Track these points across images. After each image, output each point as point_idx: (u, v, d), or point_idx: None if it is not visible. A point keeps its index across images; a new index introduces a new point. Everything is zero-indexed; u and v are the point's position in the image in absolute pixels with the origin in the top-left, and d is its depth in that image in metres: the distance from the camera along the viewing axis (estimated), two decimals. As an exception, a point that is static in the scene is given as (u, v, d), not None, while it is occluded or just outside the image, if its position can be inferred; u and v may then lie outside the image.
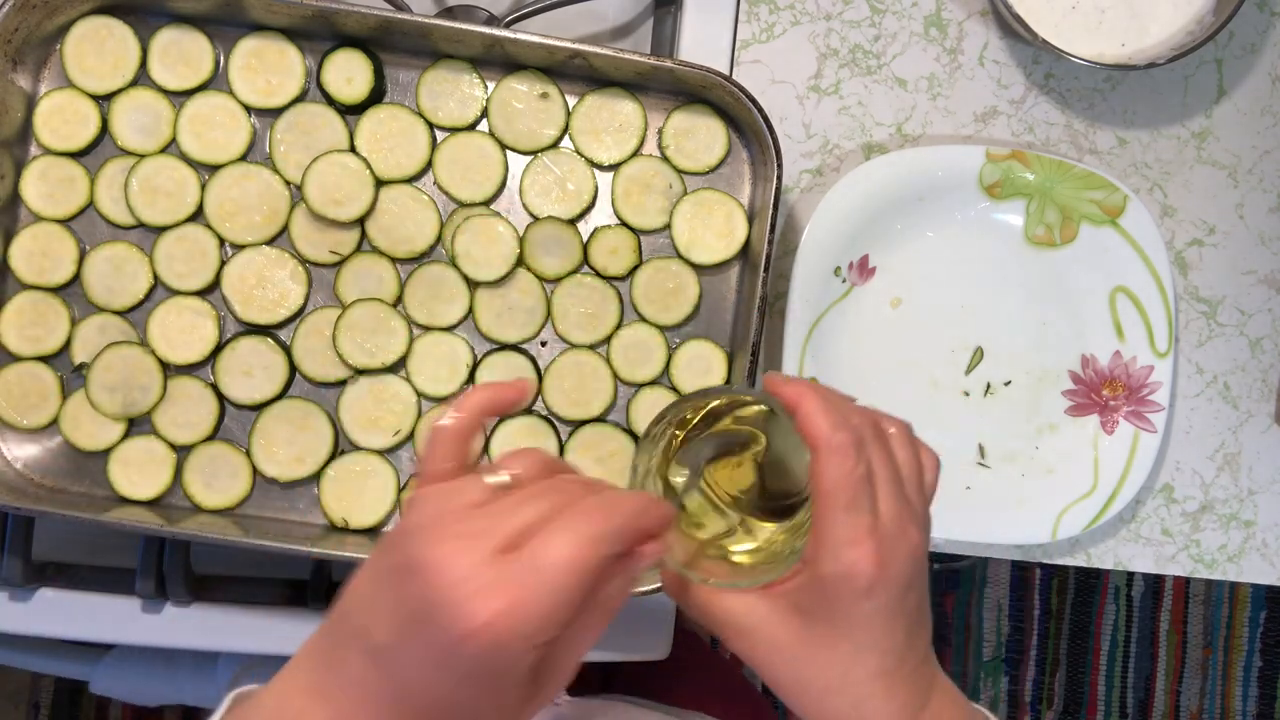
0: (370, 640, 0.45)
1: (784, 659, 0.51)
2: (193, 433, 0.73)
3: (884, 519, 0.49)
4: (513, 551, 0.42)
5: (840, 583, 0.49)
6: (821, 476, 0.48)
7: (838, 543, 0.48)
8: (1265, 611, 1.87)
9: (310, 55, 0.74)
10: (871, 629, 0.50)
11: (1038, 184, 0.80)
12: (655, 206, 0.76)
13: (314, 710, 0.46)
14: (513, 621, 0.42)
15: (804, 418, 0.49)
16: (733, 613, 0.52)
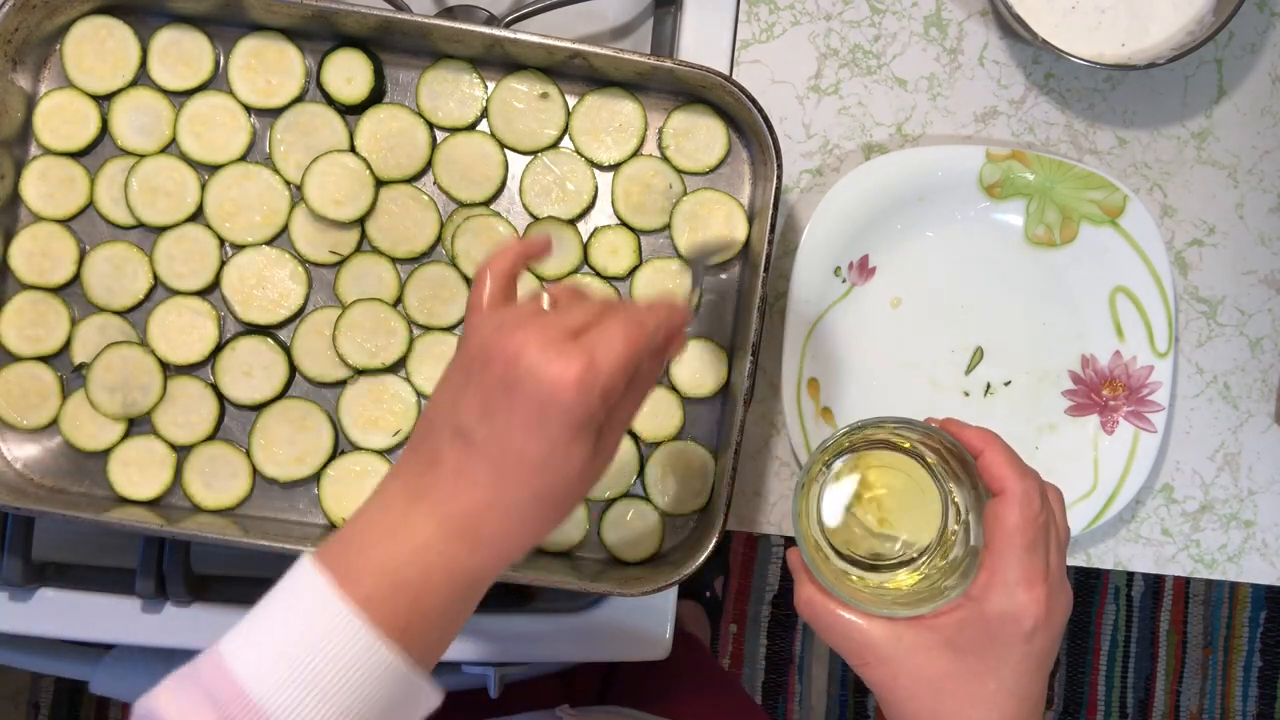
0: (461, 426, 0.51)
1: (924, 692, 0.53)
2: (193, 433, 0.73)
3: (1052, 569, 0.52)
4: (581, 336, 0.50)
5: (1008, 622, 0.51)
6: (1006, 516, 0.52)
7: (1014, 582, 0.51)
8: (1265, 611, 1.87)
9: (310, 55, 0.74)
10: (1020, 673, 0.52)
11: (1038, 184, 0.80)
12: (655, 206, 0.76)
13: (414, 509, 0.51)
14: (594, 375, 0.49)
15: (992, 462, 0.53)
16: (874, 638, 0.53)
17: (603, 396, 0.50)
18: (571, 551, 0.76)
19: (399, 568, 0.50)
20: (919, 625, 0.53)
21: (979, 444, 0.54)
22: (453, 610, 0.52)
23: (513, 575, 0.70)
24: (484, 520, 0.51)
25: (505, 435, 0.50)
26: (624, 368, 0.50)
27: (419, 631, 0.49)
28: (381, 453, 0.74)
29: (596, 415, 0.50)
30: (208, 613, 0.78)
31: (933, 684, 0.52)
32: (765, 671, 1.76)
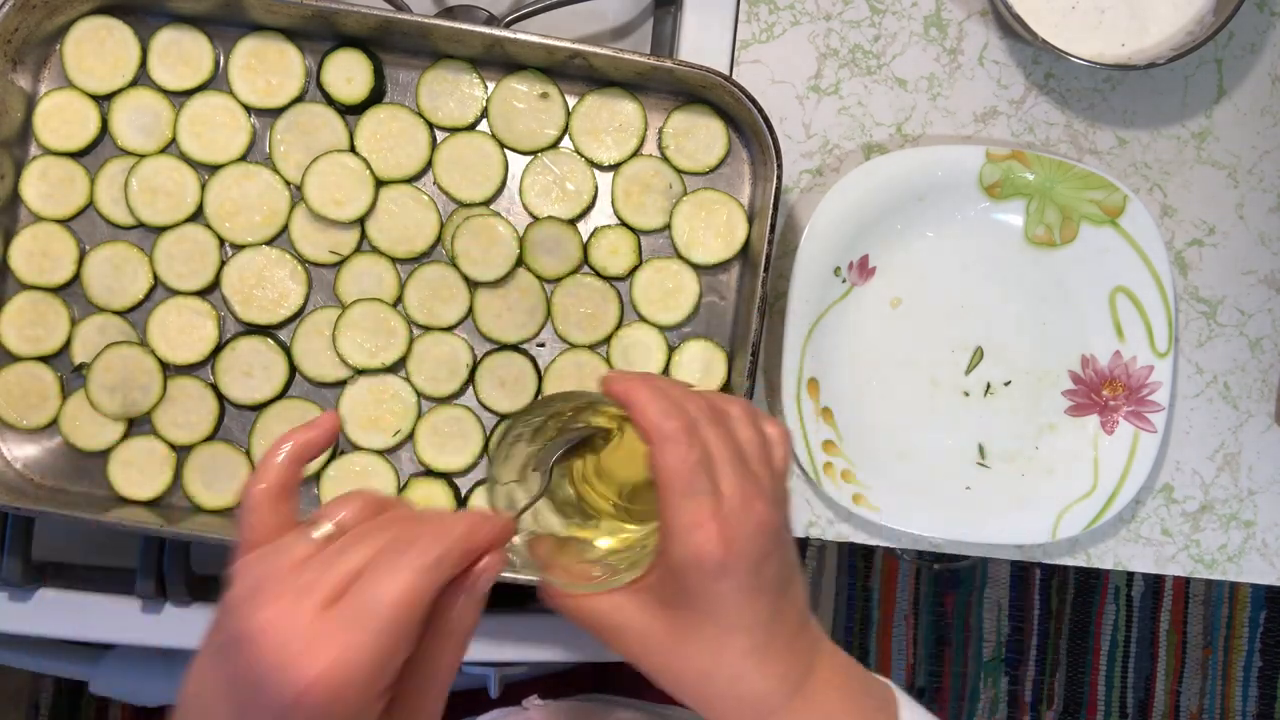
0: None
1: (658, 650, 0.52)
2: (193, 433, 0.73)
3: (727, 499, 0.49)
4: (339, 601, 0.41)
5: (691, 568, 0.49)
6: (658, 465, 0.49)
7: (682, 529, 0.48)
8: (1265, 611, 1.87)
9: (310, 55, 0.74)
10: (731, 609, 0.50)
11: (1038, 184, 0.80)
12: (655, 206, 0.76)
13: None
14: (344, 672, 0.40)
15: (634, 411, 0.49)
16: (603, 614, 0.53)
17: (368, 680, 0.41)
18: (571, 551, 0.75)
19: None
20: (633, 590, 0.52)
21: (623, 394, 0.50)
22: None
23: (512, 575, 0.70)
24: None
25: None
26: (394, 641, 0.42)
27: None
28: (381, 453, 0.74)
29: (364, 710, 0.42)
30: (208, 613, 0.78)
31: (661, 642, 0.51)
32: (765, 671, 1.76)
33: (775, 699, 0.51)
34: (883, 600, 1.82)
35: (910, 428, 0.82)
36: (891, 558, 1.81)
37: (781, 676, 0.51)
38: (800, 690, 0.51)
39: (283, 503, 0.47)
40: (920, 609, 1.83)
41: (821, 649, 0.53)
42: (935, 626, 1.83)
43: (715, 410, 0.52)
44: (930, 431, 0.82)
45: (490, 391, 0.75)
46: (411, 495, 0.74)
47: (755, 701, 0.51)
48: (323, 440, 0.49)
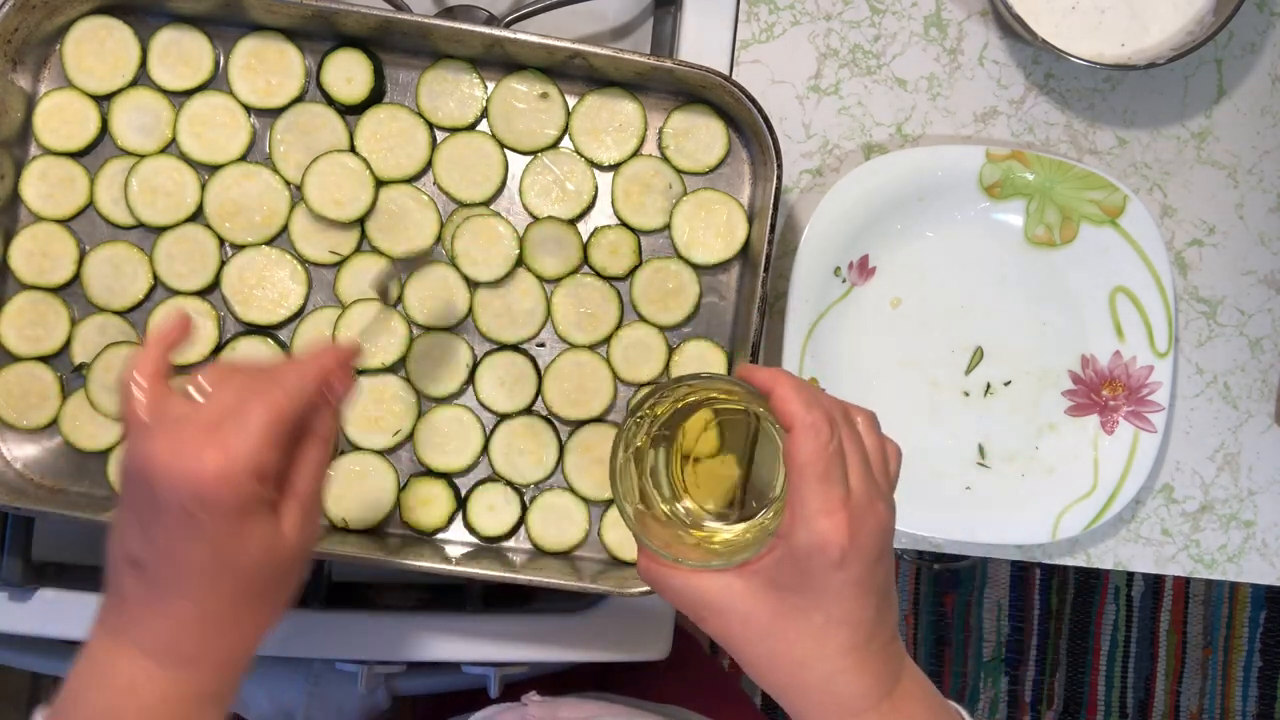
0: (131, 555, 0.50)
1: (759, 634, 0.53)
2: (193, 433, 0.73)
3: (854, 493, 0.51)
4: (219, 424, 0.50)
5: (814, 553, 0.50)
6: (797, 451, 0.51)
7: (812, 513, 0.50)
8: (1265, 611, 1.87)
9: (310, 55, 0.74)
10: (843, 601, 0.51)
11: (1038, 184, 0.80)
12: (655, 206, 0.76)
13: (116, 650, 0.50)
14: (231, 460, 0.48)
15: (779, 399, 0.51)
16: (708, 592, 0.53)
17: (250, 475, 0.49)
18: (571, 551, 0.76)
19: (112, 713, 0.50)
20: (745, 572, 0.53)
21: (768, 384, 0.52)
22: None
23: (512, 575, 0.70)
24: (185, 640, 0.50)
25: (169, 551, 0.49)
26: (265, 441, 0.49)
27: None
28: (381, 453, 0.74)
29: (254, 496, 0.50)
30: (208, 613, 0.78)
31: (764, 626, 0.53)
32: (765, 671, 1.76)
33: (866, 700, 0.52)
34: (883, 600, 1.82)
35: (910, 428, 0.82)
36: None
37: (875, 678, 0.53)
38: (889, 696, 0.53)
39: (161, 382, 0.54)
40: (920, 609, 1.83)
41: (905, 664, 0.55)
42: (935, 626, 1.83)
43: (848, 415, 0.54)
44: (930, 431, 0.82)
45: (490, 391, 0.75)
46: (411, 495, 0.74)
47: (848, 699, 0.52)
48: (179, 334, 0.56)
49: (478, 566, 0.71)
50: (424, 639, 0.79)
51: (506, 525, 0.75)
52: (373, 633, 0.78)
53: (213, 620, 0.51)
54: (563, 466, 0.75)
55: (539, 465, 0.75)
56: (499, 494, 0.75)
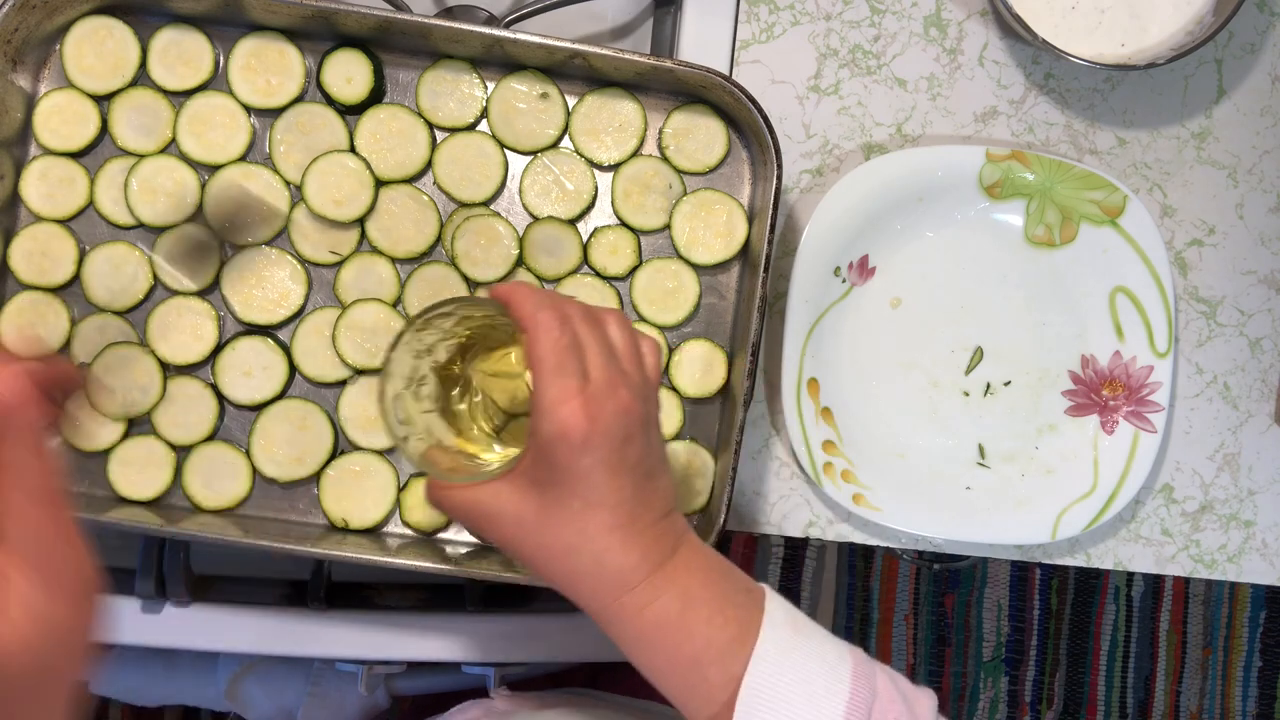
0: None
1: (529, 531, 0.55)
2: (192, 433, 0.73)
3: (594, 381, 0.53)
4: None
5: (557, 441, 0.53)
6: (532, 348, 0.53)
7: (550, 404, 0.53)
8: (1265, 611, 1.87)
9: (310, 55, 0.74)
10: (595, 483, 0.53)
11: (1038, 184, 0.80)
12: (655, 206, 0.76)
13: None
14: None
15: (514, 306, 0.55)
16: (482, 502, 0.56)
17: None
18: (571, 551, 0.76)
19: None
20: (510, 476, 0.55)
21: (505, 295, 0.55)
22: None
23: (512, 575, 0.70)
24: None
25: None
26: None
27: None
28: (381, 453, 0.74)
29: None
30: (208, 613, 0.78)
31: (533, 522, 0.55)
32: (765, 671, 1.75)
33: (636, 575, 0.54)
34: (883, 600, 1.82)
35: (910, 428, 0.82)
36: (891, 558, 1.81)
37: (643, 554, 0.54)
38: (661, 569, 0.55)
39: None
40: (920, 609, 1.83)
41: (689, 541, 0.57)
42: (935, 626, 1.83)
43: (591, 314, 0.57)
44: (930, 431, 0.82)
45: (490, 391, 0.75)
46: (411, 496, 0.74)
47: (617, 575, 0.54)
48: None
49: (478, 566, 0.71)
50: (424, 639, 0.79)
51: (506, 525, 0.75)
52: (373, 633, 0.78)
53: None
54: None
55: (539, 465, 0.75)
56: (499, 494, 0.75)
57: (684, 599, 0.54)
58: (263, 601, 0.79)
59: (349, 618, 0.78)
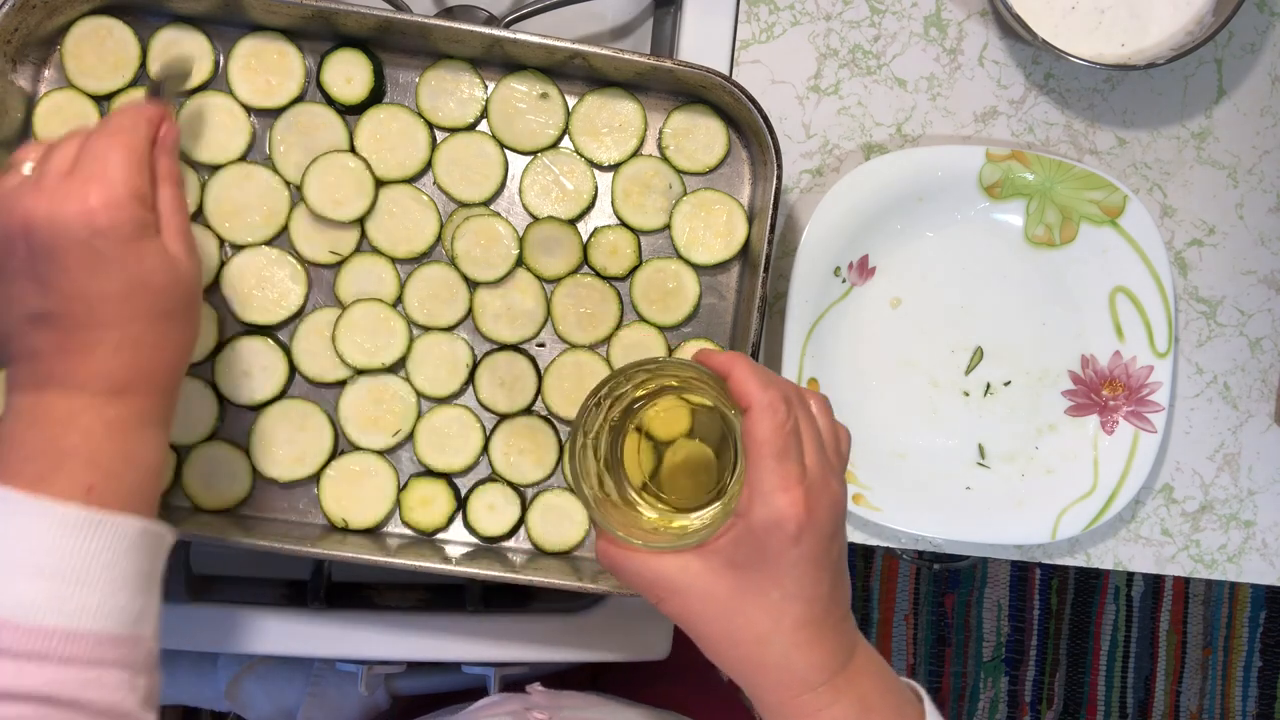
0: (32, 311, 0.53)
1: (717, 612, 0.54)
2: (192, 433, 0.73)
3: (810, 470, 0.52)
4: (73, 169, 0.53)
5: (772, 529, 0.51)
6: (755, 429, 0.52)
7: (770, 490, 0.51)
8: (1265, 611, 1.87)
9: (310, 55, 0.74)
10: (799, 576, 0.52)
11: (1038, 184, 0.80)
12: (655, 206, 0.76)
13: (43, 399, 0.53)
14: (112, 188, 0.52)
15: (737, 380, 0.53)
16: (666, 573, 0.54)
17: (135, 200, 0.53)
18: (571, 551, 0.76)
19: (54, 443, 0.51)
20: (703, 551, 0.54)
21: (725, 367, 0.54)
22: (141, 451, 0.54)
23: (513, 575, 0.70)
24: (114, 367, 0.53)
25: (78, 290, 0.52)
26: (133, 167, 0.54)
27: (108, 483, 0.52)
28: (381, 453, 0.74)
29: (143, 219, 0.53)
30: (207, 613, 0.78)
31: (722, 604, 0.53)
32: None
33: (821, 674, 0.53)
34: (883, 600, 1.82)
35: (910, 428, 0.82)
36: (891, 558, 1.81)
37: (831, 653, 0.54)
38: (843, 671, 0.54)
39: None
40: (920, 609, 1.83)
41: (859, 640, 0.56)
42: (935, 626, 1.83)
43: (800, 395, 0.55)
44: (930, 431, 0.82)
45: (490, 391, 0.75)
46: (411, 496, 0.74)
47: (804, 673, 0.53)
48: None
49: (478, 566, 0.71)
50: (424, 639, 0.79)
51: (506, 525, 0.75)
52: (373, 633, 0.78)
53: (135, 343, 0.54)
54: (563, 466, 0.75)
55: (539, 465, 0.75)
56: (499, 494, 0.75)
57: (862, 705, 0.54)
58: (263, 601, 0.79)
59: (349, 618, 0.78)
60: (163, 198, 0.57)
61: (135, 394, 0.54)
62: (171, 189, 0.58)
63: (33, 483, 0.50)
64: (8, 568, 0.49)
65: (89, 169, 0.53)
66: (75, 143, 0.55)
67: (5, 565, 0.49)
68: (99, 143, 0.54)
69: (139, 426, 0.54)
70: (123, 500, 0.52)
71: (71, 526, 0.50)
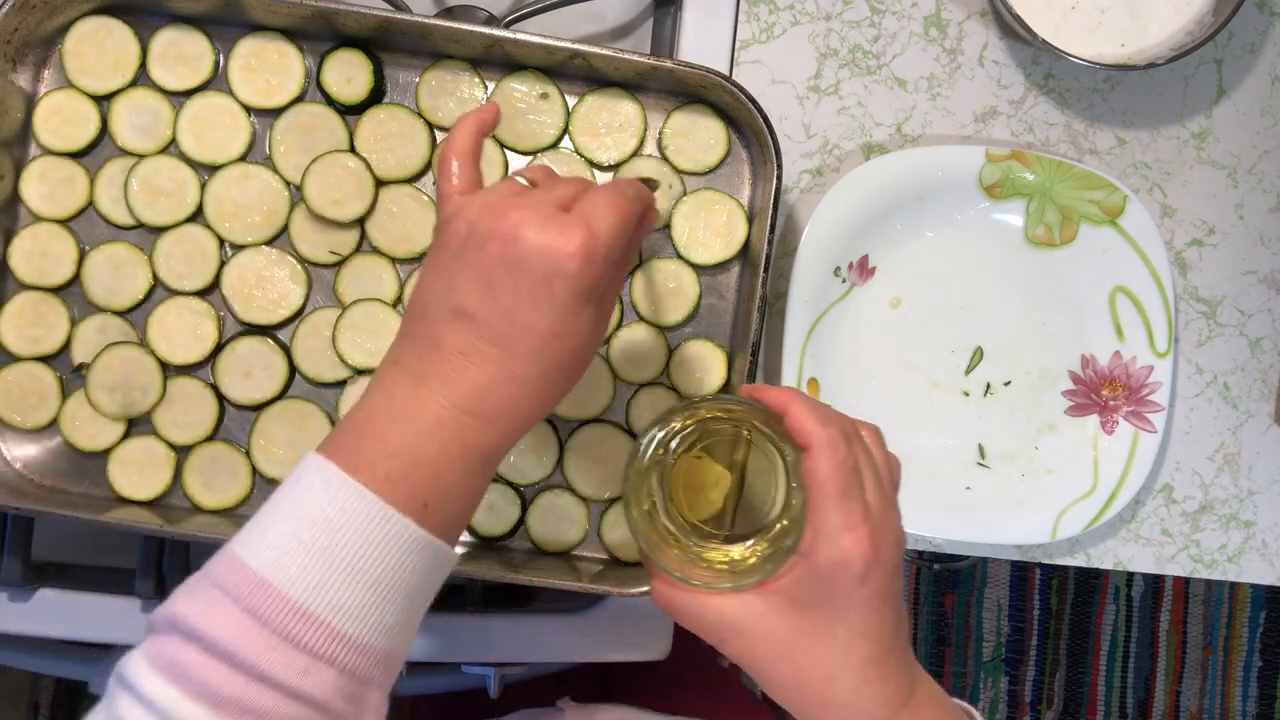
0: (462, 306, 0.52)
1: (782, 653, 0.53)
2: (192, 433, 0.73)
3: (872, 507, 0.52)
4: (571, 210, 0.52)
5: (839, 569, 0.51)
6: (817, 468, 0.52)
7: (835, 529, 0.51)
8: (1265, 611, 1.87)
9: (310, 55, 0.74)
10: (866, 614, 0.52)
11: (1038, 184, 0.80)
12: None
13: (421, 391, 0.52)
14: (595, 242, 0.51)
15: (795, 418, 0.53)
16: (727, 614, 0.54)
17: (605, 262, 0.52)
18: (571, 551, 0.76)
19: (413, 447, 0.50)
20: (765, 591, 0.53)
21: (782, 404, 0.54)
22: (471, 485, 0.53)
23: (513, 575, 0.70)
24: (494, 397, 0.52)
25: (512, 311, 0.51)
26: (620, 232, 0.53)
27: (439, 507, 0.51)
28: (381, 453, 0.74)
29: (600, 282, 0.52)
30: (208, 613, 0.78)
31: (787, 644, 0.53)
32: (765, 671, 1.76)
33: (888, 709, 0.53)
34: (883, 600, 1.82)
35: (910, 428, 0.82)
36: (891, 558, 1.81)
37: (896, 688, 0.53)
38: (909, 704, 0.54)
39: (477, 161, 0.57)
40: (920, 609, 1.83)
41: (919, 672, 0.56)
42: (935, 626, 1.83)
43: (855, 428, 0.55)
44: (930, 431, 0.82)
45: (490, 391, 0.75)
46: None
47: (872, 709, 0.53)
48: (494, 117, 0.59)
49: (478, 567, 0.71)
50: (424, 639, 0.79)
51: (506, 525, 0.75)
52: (373, 633, 0.78)
53: (526, 387, 0.52)
54: (563, 466, 0.75)
55: (539, 465, 0.75)
56: (499, 494, 0.75)
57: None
58: (263, 601, 0.79)
59: (349, 618, 0.78)
60: (616, 272, 0.56)
61: (496, 430, 0.53)
62: (623, 268, 0.58)
63: (383, 483, 0.49)
64: (335, 565, 0.47)
65: (584, 212, 0.52)
66: (579, 185, 0.55)
67: (333, 562, 0.47)
68: (601, 197, 0.53)
69: (483, 460, 0.53)
70: (443, 527, 0.51)
71: (404, 544, 0.49)
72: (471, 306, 0.52)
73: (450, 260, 0.53)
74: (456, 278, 0.52)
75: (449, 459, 0.51)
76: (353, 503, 0.48)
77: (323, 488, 0.49)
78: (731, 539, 0.57)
